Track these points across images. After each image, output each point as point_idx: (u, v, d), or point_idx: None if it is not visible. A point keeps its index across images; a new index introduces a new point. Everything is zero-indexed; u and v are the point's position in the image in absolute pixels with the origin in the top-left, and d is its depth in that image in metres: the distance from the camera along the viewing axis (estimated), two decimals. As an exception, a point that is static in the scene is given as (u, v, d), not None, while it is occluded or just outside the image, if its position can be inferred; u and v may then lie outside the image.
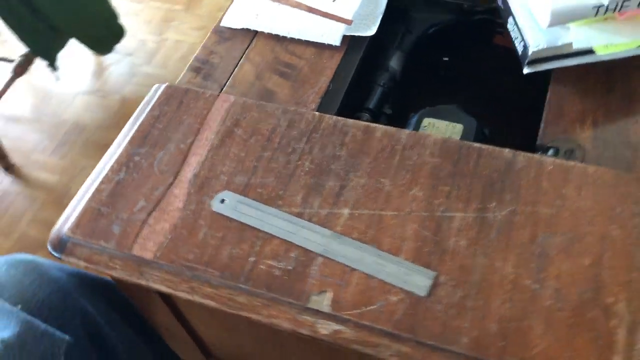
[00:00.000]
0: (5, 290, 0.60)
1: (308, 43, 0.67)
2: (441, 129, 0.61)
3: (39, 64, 1.58)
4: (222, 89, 0.65)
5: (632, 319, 0.44)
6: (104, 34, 1.57)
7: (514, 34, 0.63)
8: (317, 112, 0.59)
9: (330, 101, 0.63)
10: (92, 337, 0.63)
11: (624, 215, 0.49)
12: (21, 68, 1.56)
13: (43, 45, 1.49)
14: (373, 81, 0.70)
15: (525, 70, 0.62)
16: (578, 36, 0.58)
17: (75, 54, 1.69)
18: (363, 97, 0.69)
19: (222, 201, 0.54)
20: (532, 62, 0.61)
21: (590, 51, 0.59)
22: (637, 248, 0.47)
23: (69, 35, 1.51)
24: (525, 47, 0.61)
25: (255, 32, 0.70)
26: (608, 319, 0.45)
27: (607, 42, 0.58)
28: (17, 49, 1.53)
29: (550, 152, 0.57)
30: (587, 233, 0.49)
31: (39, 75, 1.72)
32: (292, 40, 0.68)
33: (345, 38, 0.67)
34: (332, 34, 0.66)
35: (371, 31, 0.67)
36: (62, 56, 1.53)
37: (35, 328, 0.57)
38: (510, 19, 0.64)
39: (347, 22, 0.66)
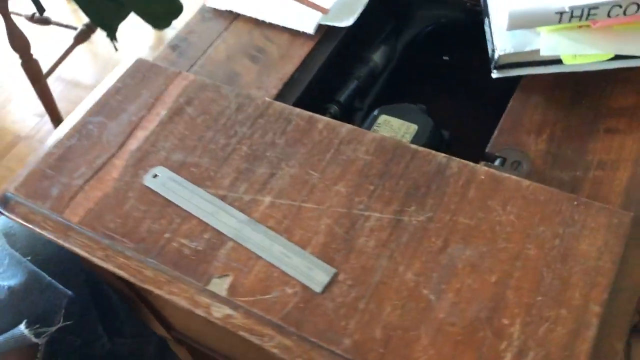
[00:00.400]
0: (18, 242, 0.64)
1: (284, 29, 0.67)
2: (394, 128, 0.59)
3: (102, 33, 1.64)
4: (191, 67, 0.66)
5: (523, 344, 0.42)
6: (162, 10, 1.61)
7: (487, 35, 0.60)
8: (267, 99, 0.59)
9: (292, 89, 0.62)
10: (95, 295, 0.66)
11: (544, 236, 0.46)
12: (82, 37, 1.63)
13: (102, 16, 1.54)
14: (350, 74, 0.69)
15: (494, 75, 0.59)
16: (547, 43, 0.55)
17: (136, 26, 1.75)
18: (336, 89, 0.68)
19: (155, 176, 0.54)
20: (502, 67, 0.58)
21: (558, 60, 0.55)
22: (548, 271, 0.44)
23: (128, 9, 1.57)
24: (494, 50, 0.58)
25: (237, 15, 0.70)
26: (498, 341, 0.42)
27: (577, 51, 0.54)
28: (86, 17, 1.60)
29: (497, 161, 0.54)
30: (501, 249, 0.46)
31: (102, 44, 1.79)
32: (271, 25, 0.68)
33: (322, 27, 0.66)
34: (307, 22, 0.65)
35: (348, 22, 0.66)
36: (123, 27, 1.59)
37: (41, 279, 0.60)
38: (486, 20, 0.61)
39: (324, 10, 0.65)
